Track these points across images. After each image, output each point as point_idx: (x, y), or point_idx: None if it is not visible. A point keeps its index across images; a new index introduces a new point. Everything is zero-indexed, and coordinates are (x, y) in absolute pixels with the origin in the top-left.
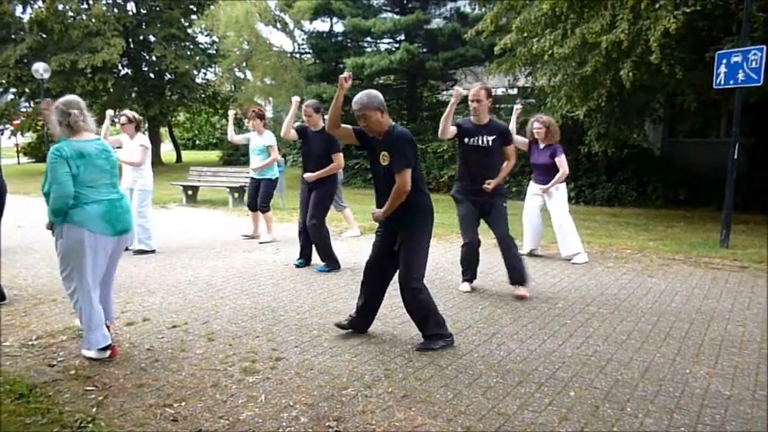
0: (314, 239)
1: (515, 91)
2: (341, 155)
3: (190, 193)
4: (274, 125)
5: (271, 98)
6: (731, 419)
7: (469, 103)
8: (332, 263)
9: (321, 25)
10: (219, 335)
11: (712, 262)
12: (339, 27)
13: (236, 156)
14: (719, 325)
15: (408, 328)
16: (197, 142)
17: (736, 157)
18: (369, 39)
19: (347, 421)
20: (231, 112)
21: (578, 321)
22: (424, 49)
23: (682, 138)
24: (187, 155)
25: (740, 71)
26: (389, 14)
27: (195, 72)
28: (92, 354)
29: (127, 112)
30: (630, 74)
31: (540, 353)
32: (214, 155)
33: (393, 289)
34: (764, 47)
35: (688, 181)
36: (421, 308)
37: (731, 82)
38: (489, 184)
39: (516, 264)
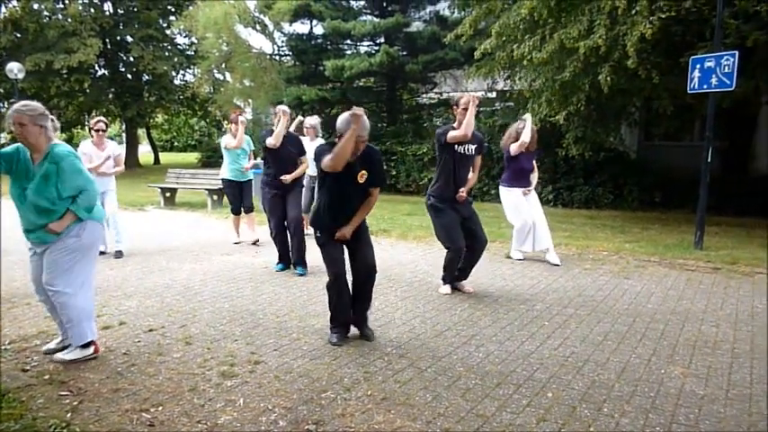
0: (299, 237)
1: (494, 94)
2: (305, 157)
3: (168, 195)
4: (254, 127)
5: (250, 100)
6: (705, 419)
7: (462, 111)
8: (304, 265)
9: (301, 27)
10: (197, 338)
11: (687, 263)
12: (319, 29)
13: (215, 158)
14: (693, 325)
15: (387, 330)
16: (175, 144)
17: (709, 160)
18: (348, 41)
19: (326, 424)
20: (242, 118)
21: (556, 323)
22: (404, 52)
23: (657, 141)
24: (165, 157)
25: (713, 76)
26: (369, 17)
27: (173, 73)
28: (75, 354)
29: (103, 118)
30: (608, 78)
31: (519, 354)
32: (192, 157)
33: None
34: (737, 52)
35: (663, 184)
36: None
37: (704, 86)
38: (463, 193)
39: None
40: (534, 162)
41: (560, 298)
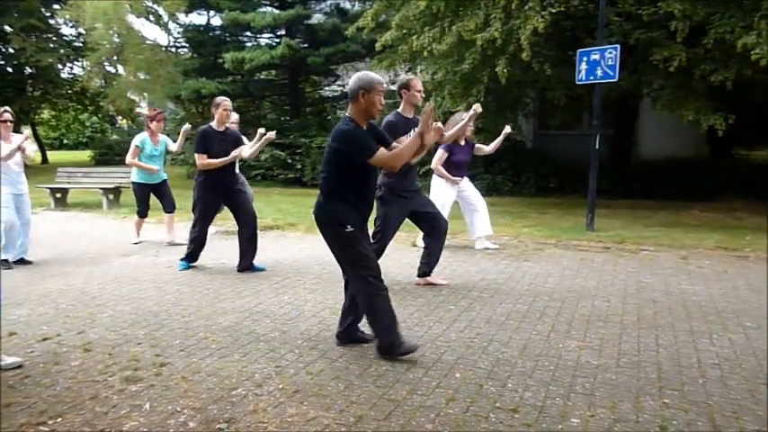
0: (256, 235)
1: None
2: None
3: (58, 195)
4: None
5: (145, 94)
6: (600, 386)
7: (416, 93)
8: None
9: (198, 18)
10: (97, 344)
11: (580, 244)
12: (217, 20)
13: (110, 155)
14: (587, 301)
15: (297, 323)
16: (65, 141)
17: (597, 147)
18: (248, 33)
19: (239, 422)
20: (185, 128)
21: (461, 306)
22: (305, 45)
23: (551, 131)
24: (54, 155)
25: (598, 68)
26: (269, 9)
27: (60, 66)
28: None
29: (9, 108)
30: (505, 70)
31: (427, 339)
32: (85, 155)
33: (280, 286)
34: (618, 46)
35: (558, 171)
36: None
37: (591, 78)
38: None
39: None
40: (468, 155)
41: (465, 282)
